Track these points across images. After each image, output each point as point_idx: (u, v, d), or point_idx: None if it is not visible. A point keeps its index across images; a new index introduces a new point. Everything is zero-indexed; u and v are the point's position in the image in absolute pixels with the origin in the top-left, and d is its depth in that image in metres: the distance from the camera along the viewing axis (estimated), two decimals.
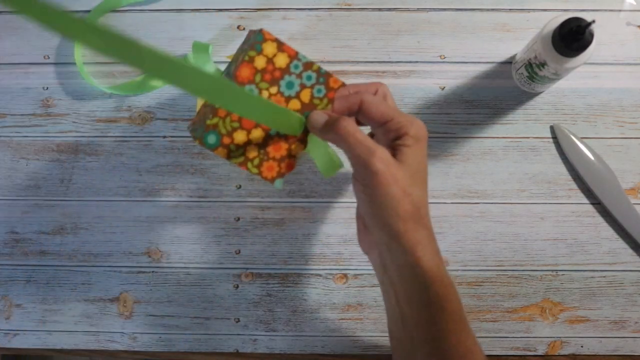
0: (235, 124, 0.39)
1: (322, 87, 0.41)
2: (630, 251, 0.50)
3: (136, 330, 0.51)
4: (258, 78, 0.39)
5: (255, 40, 0.39)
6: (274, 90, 0.40)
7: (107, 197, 0.52)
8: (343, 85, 0.41)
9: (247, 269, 0.51)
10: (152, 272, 0.51)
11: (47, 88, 0.53)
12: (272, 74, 0.40)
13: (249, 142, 0.40)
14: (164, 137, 0.52)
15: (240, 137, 0.40)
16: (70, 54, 0.53)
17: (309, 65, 0.40)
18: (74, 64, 0.53)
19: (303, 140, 0.42)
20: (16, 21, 0.54)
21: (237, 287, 0.51)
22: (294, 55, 0.40)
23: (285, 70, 0.40)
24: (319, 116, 0.39)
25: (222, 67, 0.47)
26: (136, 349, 0.51)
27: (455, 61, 0.53)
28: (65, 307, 0.51)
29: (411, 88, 0.52)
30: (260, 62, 0.39)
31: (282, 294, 0.51)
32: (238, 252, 0.51)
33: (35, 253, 0.52)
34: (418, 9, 0.53)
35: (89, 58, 0.53)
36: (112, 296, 0.51)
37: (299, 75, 0.40)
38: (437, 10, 0.53)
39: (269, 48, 0.39)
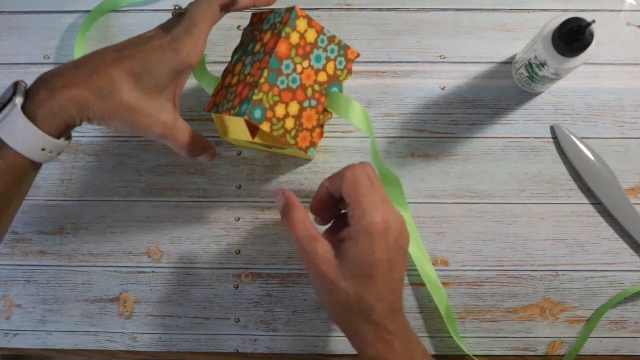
0: (277, 98, 0.41)
1: (342, 59, 0.45)
2: (630, 251, 0.50)
3: (136, 330, 0.51)
4: (293, 53, 0.42)
5: (290, 17, 0.41)
6: (305, 64, 0.43)
7: (107, 197, 0.52)
8: (358, 56, 0.46)
9: (247, 269, 0.51)
10: (152, 272, 0.51)
11: None
12: (304, 49, 0.42)
13: (287, 115, 0.42)
14: None
15: (280, 110, 0.41)
16: (69, 54, 0.53)
17: (332, 38, 0.44)
18: None
19: (328, 112, 0.45)
20: (16, 21, 0.54)
21: (237, 287, 0.51)
22: (320, 30, 0.43)
23: (314, 45, 0.43)
24: (279, 200, 0.41)
25: (222, 67, 0.47)
26: (136, 349, 0.51)
27: (455, 61, 0.53)
28: (65, 307, 0.51)
29: (411, 88, 0.52)
30: (294, 38, 0.42)
31: (282, 294, 0.51)
32: (238, 252, 0.51)
33: (35, 253, 0.52)
34: (418, 9, 0.53)
35: None
36: (112, 296, 0.51)
37: (325, 49, 0.44)
38: (437, 10, 0.53)
39: (301, 24, 0.42)
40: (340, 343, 0.50)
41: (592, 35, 0.41)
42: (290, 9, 0.42)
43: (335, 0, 0.53)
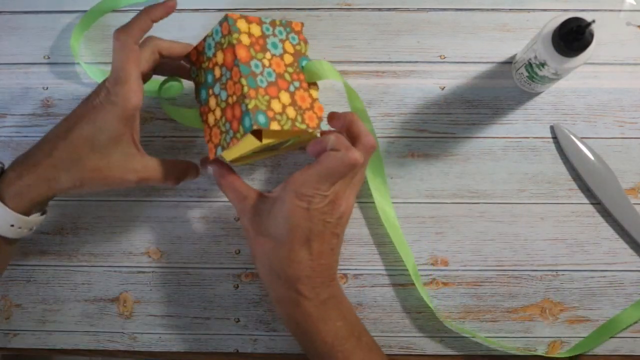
0: (267, 97, 0.41)
1: (292, 34, 0.45)
2: (630, 251, 0.50)
3: (136, 330, 0.51)
4: (253, 52, 0.42)
5: (229, 25, 0.41)
6: (268, 55, 0.43)
7: (107, 197, 0.52)
8: (302, 25, 0.46)
9: (247, 269, 0.51)
10: (152, 272, 0.51)
11: (47, 88, 0.53)
12: (258, 44, 0.42)
13: (284, 106, 0.42)
14: (164, 137, 0.52)
15: (276, 105, 0.41)
16: (69, 54, 0.53)
17: (273, 23, 0.44)
18: (74, 64, 0.53)
19: (313, 85, 0.46)
20: (16, 21, 0.54)
21: (237, 287, 0.51)
22: (260, 21, 0.43)
23: (264, 36, 0.43)
24: (208, 170, 0.46)
25: None
26: (136, 349, 0.51)
27: (455, 61, 0.53)
28: (65, 307, 0.51)
29: (411, 88, 0.52)
30: (245, 39, 0.41)
31: None
32: (238, 252, 0.51)
33: (35, 253, 0.52)
34: (418, 9, 0.53)
35: (88, 58, 0.53)
36: (112, 296, 0.51)
37: (274, 34, 0.44)
38: (437, 10, 0.53)
39: (242, 25, 0.42)
40: None
41: (592, 35, 0.41)
42: (224, 20, 0.41)
43: (335, 0, 0.53)
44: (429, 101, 0.52)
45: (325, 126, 0.45)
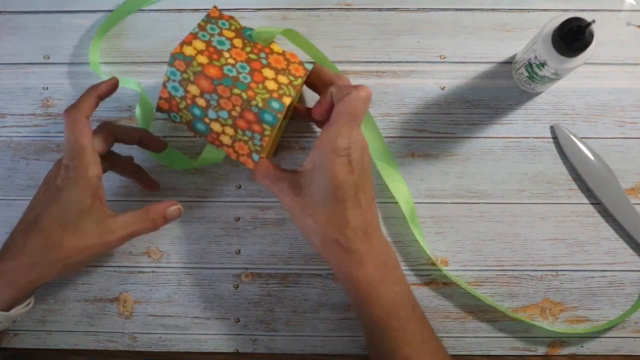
0: (260, 85, 0.42)
1: (220, 21, 0.44)
2: (630, 251, 0.50)
3: (136, 330, 0.51)
4: (216, 63, 0.41)
5: (181, 59, 0.41)
6: (226, 54, 0.42)
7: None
8: (216, 7, 0.45)
9: (247, 269, 0.51)
10: (152, 272, 0.51)
11: (47, 88, 0.53)
12: (210, 52, 0.42)
13: (275, 79, 0.42)
14: (164, 137, 0.52)
15: (271, 84, 0.42)
16: (69, 54, 0.53)
17: (201, 26, 0.43)
18: (74, 64, 0.53)
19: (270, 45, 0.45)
20: (16, 21, 0.54)
21: (237, 287, 0.51)
22: (194, 35, 0.42)
23: (207, 43, 0.42)
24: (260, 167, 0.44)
25: None
26: (136, 349, 0.51)
27: (455, 61, 0.53)
28: (65, 307, 0.51)
29: (411, 88, 0.52)
30: (201, 59, 0.41)
31: (282, 294, 0.51)
32: (238, 252, 0.51)
33: None
34: (418, 9, 0.53)
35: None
36: (112, 296, 0.51)
37: (211, 34, 0.43)
38: (437, 10, 0.53)
39: (188, 50, 0.42)
40: (340, 343, 0.50)
41: (592, 35, 0.41)
42: (172, 60, 0.41)
43: (335, 0, 0.53)
44: (429, 101, 0.52)
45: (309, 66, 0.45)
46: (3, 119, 0.53)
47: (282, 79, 0.43)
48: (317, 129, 0.52)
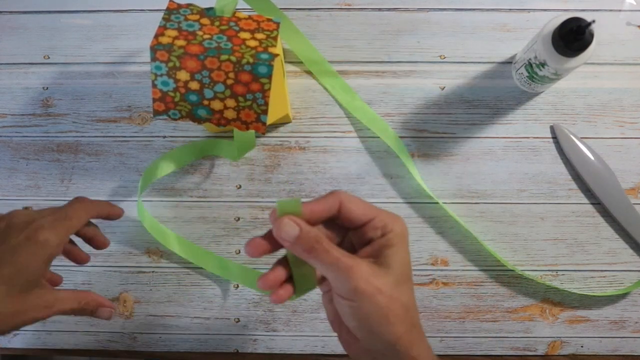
0: (242, 45, 0.42)
1: (181, 10, 0.44)
2: (630, 251, 0.50)
3: (136, 330, 0.51)
4: (195, 41, 0.41)
5: (161, 49, 0.41)
6: (199, 32, 0.42)
7: (107, 197, 0.52)
8: (172, 1, 0.44)
9: None
10: (152, 272, 0.51)
11: (47, 88, 0.53)
12: (185, 36, 0.42)
13: (253, 37, 0.43)
14: (164, 137, 0.52)
15: (252, 42, 0.42)
16: (69, 54, 0.53)
17: (166, 18, 0.43)
18: (74, 64, 0.53)
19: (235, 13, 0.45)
20: (16, 21, 0.54)
21: (237, 287, 0.51)
22: (164, 27, 0.42)
23: (178, 29, 0.42)
24: (291, 228, 0.32)
25: None
26: (136, 349, 0.51)
27: (455, 61, 0.53)
28: None
29: (411, 88, 0.52)
30: (180, 42, 0.41)
31: None
32: (238, 252, 0.51)
33: None
34: (418, 9, 0.53)
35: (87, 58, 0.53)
36: (112, 296, 0.51)
37: (178, 22, 0.43)
38: (437, 10, 0.53)
39: (165, 39, 0.41)
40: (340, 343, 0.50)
41: (592, 35, 0.41)
42: (154, 53, 0.41)
43: (335, 0, 0.53)
44: (429, 101, 0.52)
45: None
46: (3, 119, 0.53)
47: (259, 35, 0.43)
48: (317, 132, 0.52)
